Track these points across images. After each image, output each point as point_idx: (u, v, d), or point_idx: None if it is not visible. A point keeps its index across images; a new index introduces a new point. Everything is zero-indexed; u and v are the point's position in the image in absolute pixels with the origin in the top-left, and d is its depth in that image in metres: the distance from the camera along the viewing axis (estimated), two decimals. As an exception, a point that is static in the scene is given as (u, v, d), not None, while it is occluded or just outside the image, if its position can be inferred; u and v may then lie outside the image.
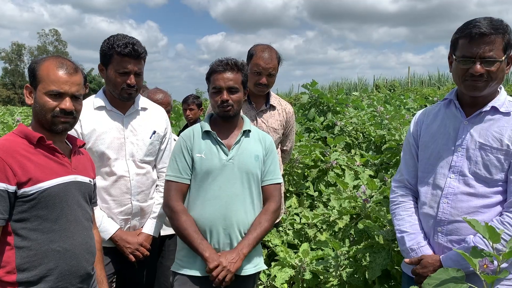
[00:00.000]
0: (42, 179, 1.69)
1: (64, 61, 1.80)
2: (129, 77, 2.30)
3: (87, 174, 1.92)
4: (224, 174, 2.19)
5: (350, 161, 4.22)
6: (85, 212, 1.86)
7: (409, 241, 1.96)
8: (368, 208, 2.65)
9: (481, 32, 1.75)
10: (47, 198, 1.69)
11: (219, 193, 2.18)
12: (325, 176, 4.04)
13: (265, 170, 2.31)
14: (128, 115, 2.43)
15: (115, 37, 2.32)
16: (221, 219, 2.16)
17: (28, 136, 1.74)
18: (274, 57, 3.09)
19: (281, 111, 3.24)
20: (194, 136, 2.26)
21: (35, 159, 1.70)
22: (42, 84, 1.74)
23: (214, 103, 2.25)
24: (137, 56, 2.31)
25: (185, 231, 2.13)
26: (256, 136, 2.34)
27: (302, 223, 3.33)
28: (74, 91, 1.78)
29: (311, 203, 3.96)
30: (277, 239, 3.07)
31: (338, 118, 5.44)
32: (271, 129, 3.15)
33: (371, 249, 2.34)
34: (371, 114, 6.51)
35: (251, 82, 3.08)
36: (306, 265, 2.61)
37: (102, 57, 2.35)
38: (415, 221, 1.99)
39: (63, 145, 1.88)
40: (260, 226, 2.21)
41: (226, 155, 2.21)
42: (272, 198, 2.30)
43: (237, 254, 2.12)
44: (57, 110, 1.74)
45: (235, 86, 2.23)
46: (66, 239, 1.74)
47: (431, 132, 2.00)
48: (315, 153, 4.09)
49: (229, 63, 2.24)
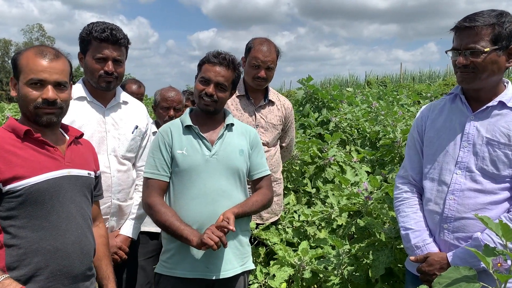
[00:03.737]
0: (29, 174, 1.60)
1: (45, 48, 1.71)
2: (106, 64, 2.21)
3: (85, 167, 1.82)
4: (208, 170, 2.11)
5: (347, 158, 4.19)
6: (80, 208, 1.75)
7: (414, 238, 1.92)
8: (370, 205, 2.61)
9: (466, 24, 1.77)
10: (36, 194, 1.60)
11: (204, 190, 2.09)
12: (322, 173, 4.00)
13: (253, 164, 2.25)
14: (109, 107, 2.34)
15: (94, 23, 2.24)
16: (210, 216, 2.07)
17: (15, 130, 1.66)
18: (273, 50, 3.02)
19: (280, 107, 3.18)
20: (172, 132, 2.16)
21: (22, 153, 1.62)
22: (23, 74, 1.66)
23: (198, 92, 2.16)
24: (115, 41, 2.22)
25: (166, 222, 2.03)
26: (240, 130, 2.26)
27: (301, 220, 3.29)
28: (56, 78, 1.68)
29: (309, 200, 3.92)
30: (276, 237, 3.02)
31: (332, 114, 5.41)
32: (270, 125, 3.09)
33: (374, 247, 2.30)
34: (365, 110, 6.49)
35: (249, 76, 3.02)
36: (305, 264, 2.58)
37: (81, 44, 2.26)
38: (420, 218, 1.95)
39: (56, 137, 1.78)
40: (251, 197, 2.20)
41: (209, 150, 2.13)
42: (264, 186, 2.26)
43: (230, 212, 2.04)
44: (39, 101, 1.65)
45: (225, 83, 2.15)
46: (57, 237, 1.65)
47: (437, 127, 1.97)
48: (313, 150, 4.04)
49: (226, 58, 2.16)
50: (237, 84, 2.30)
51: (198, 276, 2.10)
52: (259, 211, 2.29)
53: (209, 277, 2.10)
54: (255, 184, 2.29)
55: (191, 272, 2.10)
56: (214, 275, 2.10)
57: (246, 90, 3.10)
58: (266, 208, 2.28)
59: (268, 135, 3.08)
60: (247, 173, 2.25)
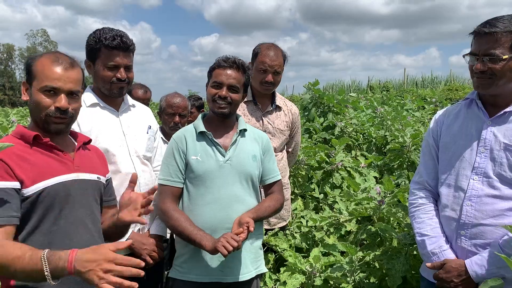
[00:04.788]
0: (39, 179, 1.59)
1: (60, 56, 1.70)
2: (118, 71, 2.22)
3: (94, 171, 1.81)
4: (222, 175, 2.12)
5: (355, 163, 4.16)
6: (90, 212, 1.74)
7: (430, 245, 1.89)
8: (383, 210, 2.57)
9: (486, 30, 1.74)
10: (46, 198, 1.59)
11: (218, 196, 2.11)
12: (330, 178, 3.97)
13: (265, 169, 2.27)
14: (121, 111, 2.36)
15: (102, 30, 2.22)
16: (223, 221, 2.09)
17: (24, 136, 1.65)
18: (279, 55, 3.02)
19: (287, 112, 3.17)
20: (187, 138, 2.18)
21: (32, 159, 1.61)
22: (37, 80, 1.65)
23: (211, 96, 2.18)
24: (126, 49, 2.22)
25: (180, 227, 2.05)
26: (252, 136, 2.28)
27: (309, 226, 3.26)
28: (70, 87, 1.67)
29: (316, 205, 3.89)
30: (285, 243, 2.99)
31: (338, 119, 5.39)
32: (277, 130, 3.08)
33: (387, 255, 2.26)
34: (370, 115, 6.47)
35: (257, 81, 3.02)
36: (317, 271, 2.55)
37: (89, 52, 2.25)
38: (436, 224, 1.93)
39: (65, 142, 1.78)
40: (263, 202, 2.21)
41: (223, 156, 2.15)
42: (276, 191, 2.29)
43: (247, 217, 2.05)
44: (51, 109, 1.65)
45: (237, 85, 2.18)
46: (66, 241, 1.63)
47: (452, 132, 1.94)
48: (320, 155, 4.02)
49: (236, 62, 2.19)
50: (248, 87, 2.30)
51: (213, 280, 2.10)
52: (271, 216, 2.30)
53: (224, 281, 2.10)
54: (267, 189, 2.31)
55: (206, 276, 2.10)
56: (229, 278, 2.11)
57: (253, 95, 3.09)
58: (277, 212, 2.30)
59: (275, 140, 3.06)
60: (259, 178, 2.26)
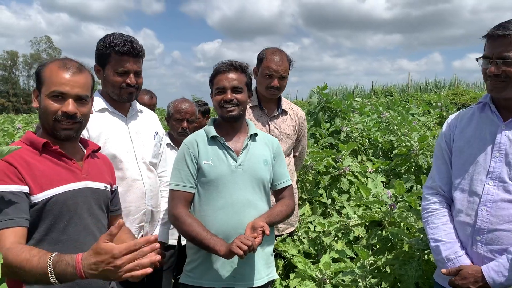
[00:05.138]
0: (48, 186, 1.57)
1: (68, 62, 1.70)
2: (128, 77, 2.21)
3: (102, 180, 1.80)
4: (234, 180, 2.11)
5: (362, 168, 4.13)
6: (97, 221, 1.72)
7: (445, 251, 1.86)
8: (394, 214, 2.54)
9: (499, 33, 1.72)
10: (54, 206, 1.58)
11: (231, 200, 2.09)
12: (337, 183, 3.94)
13: (276, 174, 2.26)
14: (129, 117, 2.35)
15: (112, 35, 2.22)
16: (235, 226, 2.07)
17: (33, 143, 1.64)
18: (285, 59, 3.01)
19: (293, 116, 3.15)
20: (198, 143, 2.17)
21: (40, 166, 1.59)
22: (45, 86, 1.65)
23: (217, 103, 2.18)
24: (136, 54, 2.22)
25: (192, 232, 2.02)
26: (263, 140, 2.28)
27: (317, 231, 3.23)
28: (77, 92, 1.66)
29: (324, 210, 3.86)
30: (294, 249, 2.97)
31: (343, 124, 5.37)
32: (284, 134, 3.06)
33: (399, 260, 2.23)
34: (375, 120, 6.44)
35: (262, 86, 3.01)
36: (327, 277, 2.52)
37: (99, 57, 2.25)
38: (451, 229, 1.90)
39: (75, 150, 1.76)
40: (275, 207, 2.20)
41: (234, 160, 2.13)
42: (287, 197, 2.28)
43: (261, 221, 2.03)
44: (59, 114, 1.64)
45: (240, 86, 2.17)
46: (75, 250, 1.58)
47: (466, 136, 1.92)
48: (327, 160, 4.00)
49: (233, 64, 2.19)
50: (251, 86, 2.30)
51: (224, 285, 2.08)
52: (283, 221, 2.29)
53: (236, 287, 2.09)
54: (277, 194, 2.29)
55: (217, 282, 2.08)
56: (241, 284, 2.09)
57: (259, 100, 3.08)
58: (289, 217, 2.29)
59: (282, 145, 3.03)
60: (270, 183, 2.25)
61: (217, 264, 2.08)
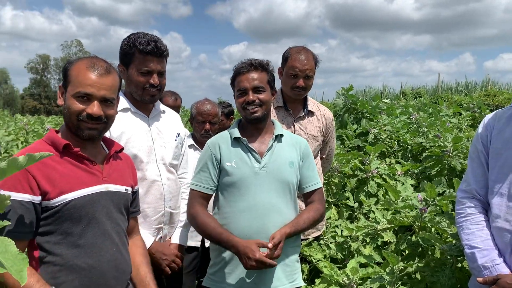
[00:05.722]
0: (66, 190, 1.54)
1: (96, 61, 1.66)
2: (152, 77, 2.18)
3: (123, 182, 1.76)
4: (257, 183, 2.05)
5: (391, 170, 4.01)
6: (116, 225, 1.69)
7: (481, 258, 1.75)
8: (425, 219, 2.43)
9: None
10: (72, 210, 1.55)
11: (253, 203, 2.03)
12: (364, 186, 3.83)
13: (304, 177, 2.17)
14: (152, 117, 2.33)
15: (136, 35, 2.20)
16: (258, 231, 2.01)
17: (55, 144, 1.62)
18: (310, 58, 2.92)
19: (320, 117, 3.07)
20: (221, 145, 2.12)
21: (60, 168, 1.57)
22: (71, 85, 1.62)
23: (240, 106, 2.13)
24: (160, 54, 2.19)
25: (207, 229, 2.00)
26: (290, 141, 2.19)
27: (344, 236, 3.14)
28: (104, 94, 1.63)
29: (351, 214, 3.76)
30: (319, 254, 2.89)
31: (371, 126, 5.24)
32: (310, 136, 2.98)
33: (431, 267, 2.12)
34: (405, 121, 6.27)
35: (288, 86, 2.94)
36: (354, 283, 2.43)
37: (123, 57, 2.23)
38: (487, 236, 1.78)
39: (97, 151, 1.73)
40: (302, 214, 2.11)
41: (258, 162, 2.07)
42: (316, 201, 2.18)
43: (279, 233, 1.97)
44: (83, 115, 1.61)
45: (261, 85, 2.11)
46: (92, 255, 1.59)
47: (504, 137, 1.80)
48: (354, 162, 3.89)
49: (252, 63, 2.13)
50: (274, 84, 2.23)
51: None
52: (311, 228, 2.20)
53: None
54: (306, 198, 2.21)
55: (239, 287, 2.03)
56: None
57: (284, 101, 3.01)
58: (318, 223, 2.19)
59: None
60: (297, 186, 2.17)
61: (239, 269, 2.03)
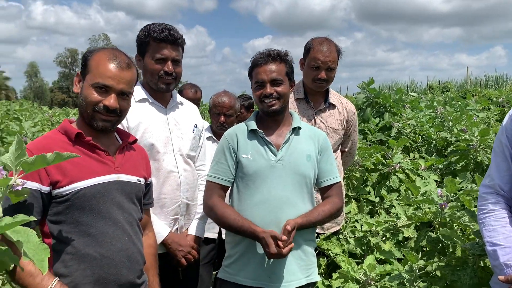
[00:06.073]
0: (77, 178, 1.55)
1: (118, 54, 1.67)
2: (166, 64, 2.19)
3: (135, 173, 1.76)
4: (273, 176, 2.02)
5: (414, 165, 3.92)
6: (128, 215, 1.69)
7: (503, 256, 1.68)
8: (445, 215, 2.35)
9: None
10: (82, 199, 1.55)
11: (268, 197, 2.01)
12: (386, 181, 3.76)
13: (322, 170, 2.13)
14: (169, 108, 2.33)
15: (151, 24, 2.22)
16: (272, 225, 1.98)
17: (67, 132, 1.63)
18: (333, 50, 2.85)
19: (342, 110, 3.01)
20: (238, 136, 2.10)
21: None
22: (90, 75, 1.63)
23: (257, 98, 2.09)
24: (174, 41, 2.20)
25: (227, 219, 1.98)
26: (308, 134, 2.15)
27: (363, 230, 3.09)
28: (122, 88, 1.64)
29: (371, 209, 3.70)
30: (338, 248, 2.85)
31: (395, 120, 5.13)
32: (330, 129, 2.93)
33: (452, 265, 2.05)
34: (430, 115, 6.12)
35: (309, 78, 2.88)
36: (371, 279, 2.38)
37: (139, 47, 2.26)
38: (510, 233, 1.70)
39: (109, 141, 1.74)
40: (317, 207, 2.07)
41: (274, 155, 2.04)
42: (334, 195, 2.12)
43: (293, 221, 1.95)
44: (100, 106, 1.62)
45: (279, 77, 2.06)
46: (103, 244, 1.59)
47: (530, 130, 1.72)
48: (376, 156, 3.82)
49: (271, 54, 2.08)
50: (293, 75, 2.19)
51: (259, 285, 2.01)
52: (326, 221, 2.16)
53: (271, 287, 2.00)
54: (323, 192, 2.16)
55: (253, 280, 2.02)
56: (275, 286, 2.00)
57: (305, 93, 2.96)
58: (334, 218, 2.16)
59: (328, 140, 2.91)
60: (315, 180, 2.13)
61: (253, 262, 2.02)
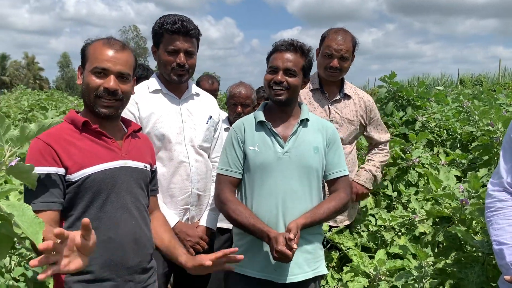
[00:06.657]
0: (86, 164, 1.61)
1: (112, 40, 1.74)
2: (178, 56, 2.21)
3: (141, 159, 1.81)
4: (280, 168, 2.01)
5: (434, 159, 3.84)
6: (136, 200, 1.74)
7: (510, 255, 1.64)
8: (465, 211, 2.30)
9: None
10: (92, 184, 1.61)
11: (275, 189, 2.00)
12: (405, 175, 3.70)
13: (329, 163, 2.10)
14: (183, 99, 2.35)
15: (166, 16, 2.25)
16: (278, 218, 1.99)
17: (74, 121, 1.69)
18: (348, 40, 2.83)
19: (357, 101, 2.98)
20: (245, 127, 2.10)
21: (80, 144, 1.64)
22: (89, 62, 1.70)
23: (267, 83, 2.07)
24: (187, 33, 2.20)
25: (239, 217, 1.97)
26: (316, 126, 2.12)
27: (378, 225, 3.06)
28: (120, 69, 1.69)
29: (389, 204, 3.66)
30: (350, 242, 2.84)
31: (419, 113, 5.01)
32: (345, 120, 2.91)
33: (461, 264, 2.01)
34: (456, 109, 5.96)
35: (321, 66, 2.87)
36: (382, 274, 2.37)
37: (154, 38, 2.29)
38: None
39: (115, 129, 1.79)
40: (322, 203, 2.03)
41: (281, 147, 2.03)
42: (341, 189, 2.08)
43: (295, 225, 1.91)
44: (100, 90, 1.67)
45: (294, 68, 2.03)
46: (111, 227, 1.64)
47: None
48: (395, 150, 3.76)
49: (293, 44, 2.05)
50: (309, 72, 2.16)
51: (265, 277, 2.02)
52: (332, 218, 2.13)
53: (277, 281, 2.01)
54: (330, 185, 2.14)
55: (259, 272, 2.03)
56: (282, 279, 2.01)
57: (320, 83, 2.95)
58: (340, 213, 2.13)
59: (343, 131, 2.89)
60: (322, 173, 2.11)
61: (260, 255, 2.02)
